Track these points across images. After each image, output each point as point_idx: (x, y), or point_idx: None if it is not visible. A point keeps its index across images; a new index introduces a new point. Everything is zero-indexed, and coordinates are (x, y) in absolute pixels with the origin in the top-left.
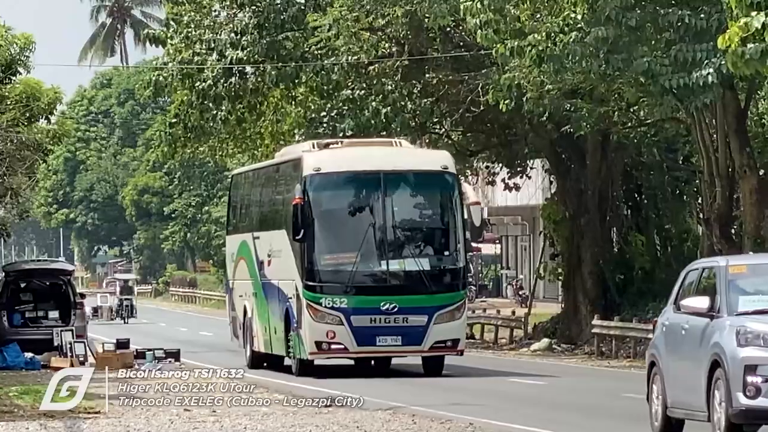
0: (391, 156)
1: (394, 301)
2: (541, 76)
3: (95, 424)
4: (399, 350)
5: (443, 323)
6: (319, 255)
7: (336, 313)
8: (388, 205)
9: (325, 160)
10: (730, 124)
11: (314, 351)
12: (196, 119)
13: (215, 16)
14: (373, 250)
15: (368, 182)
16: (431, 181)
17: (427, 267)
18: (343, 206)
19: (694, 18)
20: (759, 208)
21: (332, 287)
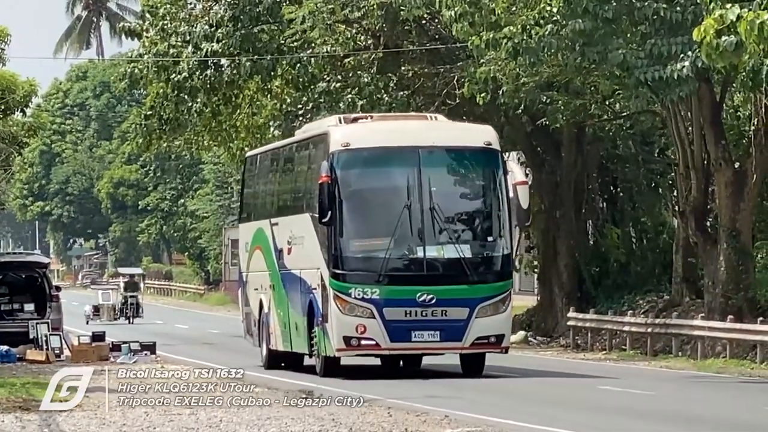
0: (427, 130)
1: (432, 292)
2: (516, 68)
3: (71, 416)
4: (437, 347)
5: (486, 317)
6: (348, 240)
7: (367, 305)
8: (425, 184)
9: (354, 134)
10: (705, 117)
11: (342, 347)
12: (171, 112)
13: (191, 8)
14: (408, 234)
15: (403, 159)
16: (473, 158)
17: (468, 254)
18: (374, 186)
19: (669, 11)
20: (734, 200)
21: (363, 276)
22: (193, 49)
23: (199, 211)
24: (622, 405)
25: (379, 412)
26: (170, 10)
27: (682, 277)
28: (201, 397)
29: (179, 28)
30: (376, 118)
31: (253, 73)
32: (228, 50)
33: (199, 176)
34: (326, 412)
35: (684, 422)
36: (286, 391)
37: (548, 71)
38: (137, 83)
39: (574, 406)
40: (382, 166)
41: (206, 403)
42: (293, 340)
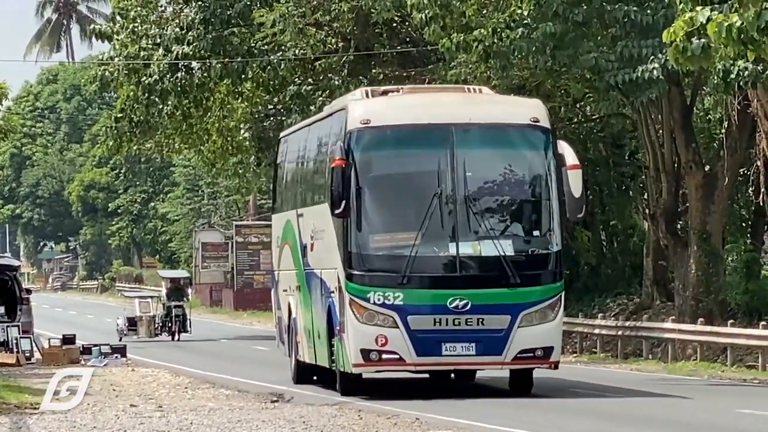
0: (464, 105)
1: (467, 297)
2: (487, 71)
3: (41, 419)
4: (472, 362)
5: (532, 326)
6: (367, 235)
7: (388, 312)
8: (459, 169)
9: (376, 110)
10: (675, 120)
11: (359, 362)
12: (142, 114)
13: (161, 11)
14: (438, 228)
15: (433, 139)
16: (517, 137)
17: (510, 251)
18: (399, 171)
19: (640, 14)
20: (704, 203)
21: (383, 278)
22: (163, 52)
23: (170, 215)
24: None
25: (350, 415)
26: (141, 13)
27: (652, 279)
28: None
29: (150, 30)
30: (406, 90)
31: (224, 75)
32: (199, 53)
33: (169, 179)
34: (297, 414)
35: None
36: (257, 393)
37: (519, 74)
38: (108, 86)
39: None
40: (409, 148)
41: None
42: (317, 351)
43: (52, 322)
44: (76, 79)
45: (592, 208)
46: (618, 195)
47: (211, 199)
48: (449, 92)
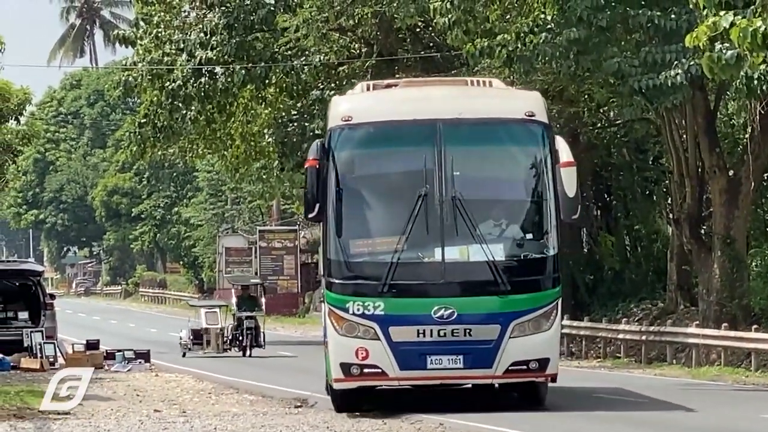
0: (455, 98)
1: (452, 306)
2: (511, 76)
3: (65, 425)
4: (460, 375)
5: (525, 336)
6: (346, 241)
7: (368, 323)
8: (446, 168)
9: (360, 106)
10: (699, 125)
11: (340, 377)
12: (165, 119)
13: (185, 16)
14: (422, 232)
15: (419, 136)
16: (510, 133)
17: (500, 256)
18: (381, 171)
19: (663, 19)
20: (728, 208)
21: (363, 286)
22: (187, 57)
23: (193, 220)
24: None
25: (373, 421)
26: (164, 18)
27: (676, 284)
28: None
29: (173, 35)
30: (404, 83)
31: (247, 81)
32: (222, 58)
33: (192, 184)
34: (320, 419)
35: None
36: (281, 399)
37: (542, 79)
38: (131, 91)
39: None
40: (392, 146)
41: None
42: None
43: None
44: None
45: (616, 212)
46: (642, 200)
47: (235, 204)
48: (447, 85)
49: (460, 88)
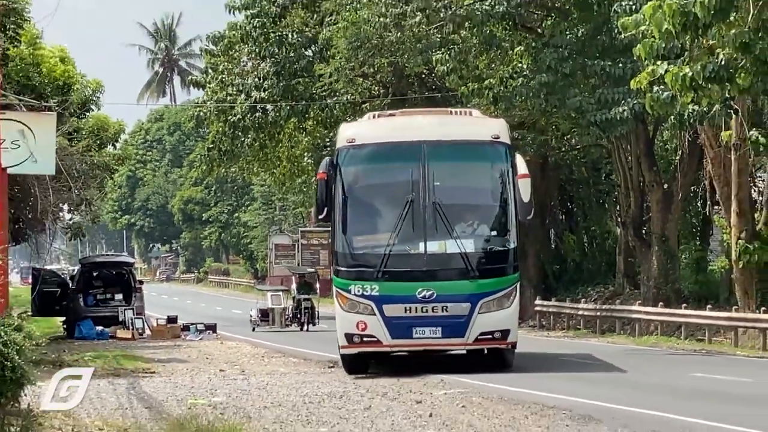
0: (436, 125)
1: (432, 288)
2: (496, 111)
3: (151, 381)
4: (439, 343)
5: (490, 312)
6: (349, 236)
7: (366, 302)
8: (428, 179)
9: (361, 131)
10: (641, 149)
11: (345, 344)
12: (228, 145)
13: (243, 65)
14: (409, 230)
15: (407, 154)
16: (479, 152)
17: (470, 249)
18: (377, 181)
19: (613, 67)
20: (663, 213)
21: (362, 272)
22: (245, 97)
23: (250, 222)
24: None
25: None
26: (227, 67)
27: (623, 272)
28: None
29: (234, 80)
30: (398, 113)
31: (291, 115)
32: (272, 98)
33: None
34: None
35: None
36: (318, 361)
37: (520, 113)
38: (202, 123)
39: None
40: (386, 162)
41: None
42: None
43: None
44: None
45: (577, 217)
46: (596, 207)
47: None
48: (433, 115)
49: (442, 117)
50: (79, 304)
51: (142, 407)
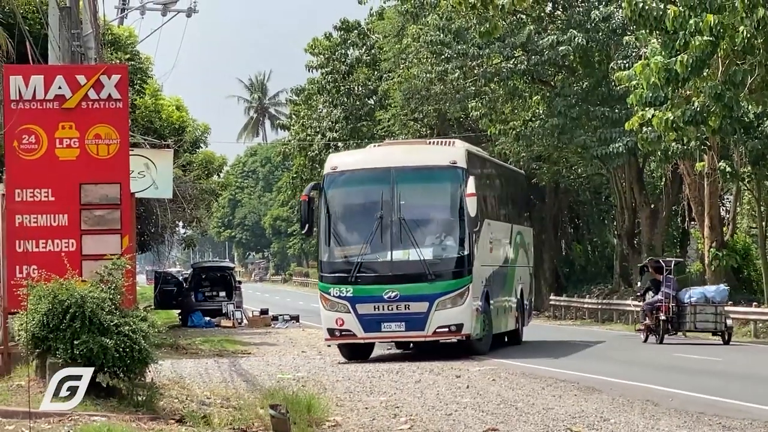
0: (405, 153)
1: (397, 290)
2: (518, 147)
3: (247, 360)
4: (404, 335)
5: (445, 309)
6: (330, 247)
7: (343, 302)
8: (395, 198)
9: (343, 160)
10: (633, 177)
11: (328, 337)
12: (308, 174)
13: (320, 112)
14: (379, 241)
15: (378, 178)
16: (438, 175)
17: (428, 256)
18: (353, 201)
19: (611, 112)
20: (651, 227)
21: (339, 278)
22: (321, 137)
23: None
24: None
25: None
26: (307, 113)
27: (619, 274)
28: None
29: (312, 123)
30: (383, 144)
31: None
32: (342, 137)
33: None
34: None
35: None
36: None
37: (537, 149)
38: (287, 157)
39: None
40: (361, 185)
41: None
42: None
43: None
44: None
45: (582, 230)
46: (598, 223)
47: None
48: (407, 144)
49: (413, 146)
50: (191, 300)
51: (241, 380)
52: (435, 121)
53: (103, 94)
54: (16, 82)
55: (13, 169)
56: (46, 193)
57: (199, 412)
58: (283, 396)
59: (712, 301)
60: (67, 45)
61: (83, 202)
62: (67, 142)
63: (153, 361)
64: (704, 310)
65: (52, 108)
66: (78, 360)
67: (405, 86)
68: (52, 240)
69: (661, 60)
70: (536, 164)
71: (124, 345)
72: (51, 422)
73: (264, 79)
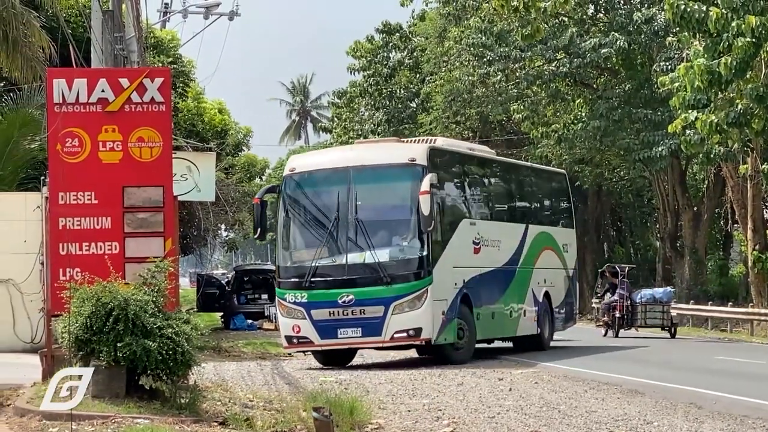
0: (363, 152)
1: (352, 294)
2: (560, 150)
3: (289, 363)
4: (361, 341)
5: (402, 313)
6: (286, 251)
7: (298, 308)
8: (352, 199)
9: (302, 161)
10: (676, 180)
11: (286, 345)
12: None
13: (362, 114)
14: (334, 244)
15: (336, 178)
16: (395, 174)
17: (384, 258)
18: (311, 203)
19: (653, 115)
20: (693, 230)
21: (294, 283)
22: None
23: None
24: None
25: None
26: (349, 116)
27: (662, 276)
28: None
29: (354, 126)
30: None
31: None
32: None
33: None
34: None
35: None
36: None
37: (579, 152)
38: None
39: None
40: (319, 186)
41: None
42: None
43: None
44: None
45: (625, 233)
46: (640, 225)
47: None
48: (369, 143)
49: (376, 145)
50: (234, 302)
51: (283, 383)
52: (477, 124)
53: (146, 98)
54: (60, 86)
55: (56, 173)
56: (90, 196)
57: (242, 415)
58: (326, 398)
59: (659, 301)
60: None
61: (126, 205)
62: (111, 145)
63: (196, 364)
64: (653, 309)
65: (96, 111)
66: (121, 362)
67: (447, 89)
68: (95, 243)
69: (704, 62)
70: (578, 167)
71: (167, 347)
72: (94, 424)
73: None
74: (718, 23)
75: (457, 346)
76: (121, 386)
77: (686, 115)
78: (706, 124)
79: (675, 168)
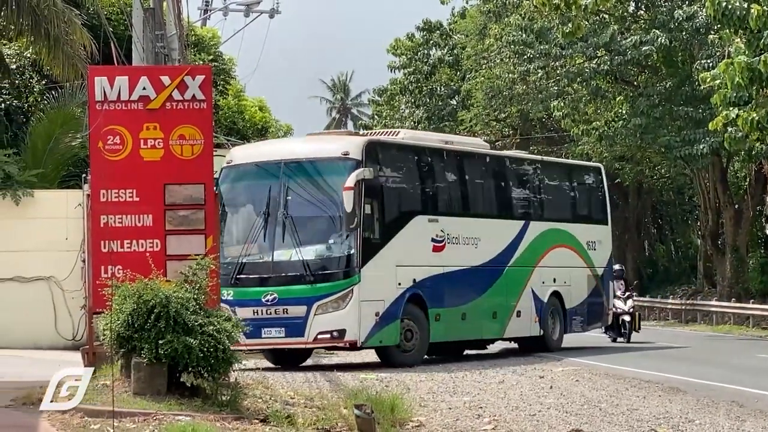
0: (298, 145)
1: (275, 292)
2: (601, 147)
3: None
4: (284, 342)
5: (326, 314)
6: (222, 247)
7: (225, 306)
8: (282, 194)
9: (240, 153)
10: (717, 177)
11: None
12: None
13: (402, 112)
14: (261, 240)
15: (268, 172)
16: (327, 168)
17: (310, 256)
18: (244, 197)
19: (694, 113)
20: (735, 228)
21: (224, 279)
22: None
23: None
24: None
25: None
26: (389, 113)
27: (703, 275)
28: None
29: (395, 124)
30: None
31: None
32: None
33: None
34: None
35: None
36: None
37: (620, 149)
38: None
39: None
40: (251, 179)
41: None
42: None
43: None
44: None
45: (665, 231)
46: (681, 223)
47: None
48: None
49: (314, 137)
50: None
51: (324, 380)
52: (517, 121)
53: (187, 95)
54: (101, 83)
55: (98, 170)
56: (131, 193)
57: (283, 412)
58: (367, 396)
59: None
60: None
61: (167, 203)
62: (152, 142)
63: (237, 361)
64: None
65: (137, 109)
66: (162, 360)
67: (487, 86)
68: (136, 240)
69: (745, 59)
70: (619, 164)
71: (209, 345)
72: (136, 421)
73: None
74: (759, 20)
75: (404, 348)
76: (162, 383)
77: (727, 113)
78: (748, 122)
79: (716, 165)
